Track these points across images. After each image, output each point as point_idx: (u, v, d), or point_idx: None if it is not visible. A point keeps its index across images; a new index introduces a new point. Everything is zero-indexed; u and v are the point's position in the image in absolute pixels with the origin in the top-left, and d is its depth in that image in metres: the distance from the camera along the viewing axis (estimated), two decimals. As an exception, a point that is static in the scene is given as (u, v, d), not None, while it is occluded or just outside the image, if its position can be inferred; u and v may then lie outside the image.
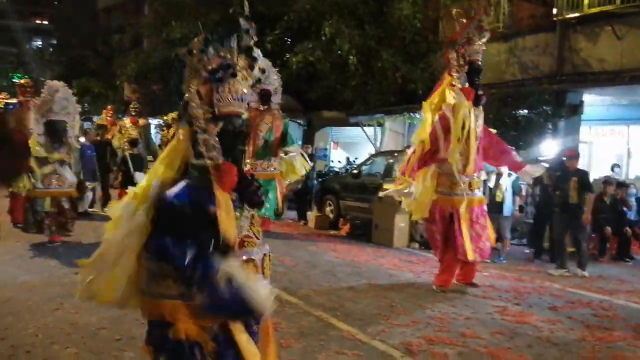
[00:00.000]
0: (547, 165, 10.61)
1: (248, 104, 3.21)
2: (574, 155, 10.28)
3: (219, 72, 3.05)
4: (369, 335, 5.85)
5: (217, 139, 3.05)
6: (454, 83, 7.97)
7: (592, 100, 16.01)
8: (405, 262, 10.00)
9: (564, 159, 10.45)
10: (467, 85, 8.04)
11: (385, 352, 5.40)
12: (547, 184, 10.81)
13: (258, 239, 3.45)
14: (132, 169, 13.14)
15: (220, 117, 3.06)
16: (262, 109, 11.81)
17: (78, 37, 30.79)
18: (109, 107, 17.72)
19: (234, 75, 3.08)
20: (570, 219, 9.80)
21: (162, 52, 21.40)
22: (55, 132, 9.59)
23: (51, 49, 35.75)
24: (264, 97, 11.70)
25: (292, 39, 16.76)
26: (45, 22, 44.68)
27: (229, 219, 3.04)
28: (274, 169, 12.01)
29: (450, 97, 7.91)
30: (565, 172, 10.03)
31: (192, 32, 18.36)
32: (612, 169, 13.28)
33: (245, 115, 3.23)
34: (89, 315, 6.02)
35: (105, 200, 13.00)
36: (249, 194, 3.21)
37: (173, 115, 14.69)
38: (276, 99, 11.97)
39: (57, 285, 7.22)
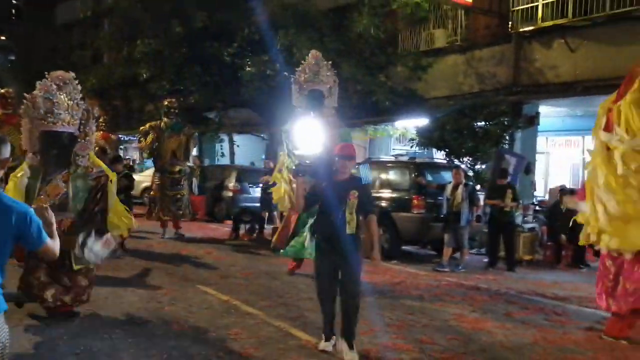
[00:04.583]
0: None
1: None
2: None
3: None
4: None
5: None
6: None
7: (548, 112, 16.47)
8: (365, 272, 10.07)
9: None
10: None
11: (343, 359, 5.47)
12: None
13: None
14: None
15: None
16: (312, 115, 9.00)
17: (38, 53, 30.38)
18: None
19: None
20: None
21: (123, 68, 21.25)
22: (57, 150, 6.37)
23: (9, 65, 35.18)
24: (315, 99, 8.96)
25: (252, 52, 16.81)
26: (3, 38, 43.92)
27: None
28: None
29: None
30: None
31: (154, 48, 18.36)
32: None
33: None
34: (49, 329, 6.00)
35: None
36: None
37: (151, 123, 13.64)
38: (330, 102, 9.14)
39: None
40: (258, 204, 14.90)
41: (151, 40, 18.49)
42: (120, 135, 18.36)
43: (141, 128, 14.08)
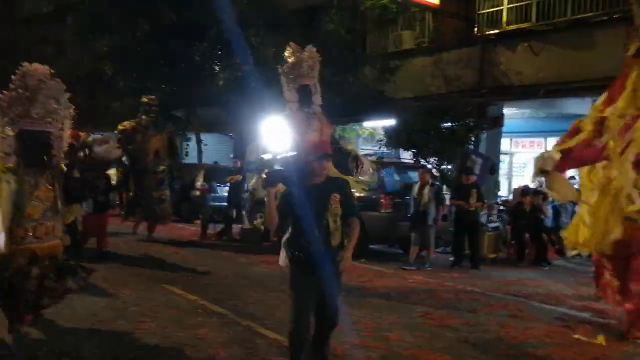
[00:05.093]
0: None
1: None
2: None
3: None
4: (295, 341, 5.94)
5: None
6: None
7: (512, 114, 16.76)
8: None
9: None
10: None
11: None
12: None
13: None
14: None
15: None
16: (305, 111, 8.20)
17: (-3, 48, 29.80)
18: None
19: None
20: None
21: (88, 64, 20.94)
22: (34, 150, 5.68)
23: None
24: (305, 94, 8.15)
25: (221, 51, 16.72)
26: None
27: None
28: None
29: None
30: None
31: (120, 44, 18.12)
32: None
33: None
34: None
35: None
36: None
37: (132, 123, 12.42)
38: (316, 99, 8.38)
39: None
40: (226, 203, 14.86)
41: (116, 35, 18.25)
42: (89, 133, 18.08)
43: (120, 128, 12.81)
